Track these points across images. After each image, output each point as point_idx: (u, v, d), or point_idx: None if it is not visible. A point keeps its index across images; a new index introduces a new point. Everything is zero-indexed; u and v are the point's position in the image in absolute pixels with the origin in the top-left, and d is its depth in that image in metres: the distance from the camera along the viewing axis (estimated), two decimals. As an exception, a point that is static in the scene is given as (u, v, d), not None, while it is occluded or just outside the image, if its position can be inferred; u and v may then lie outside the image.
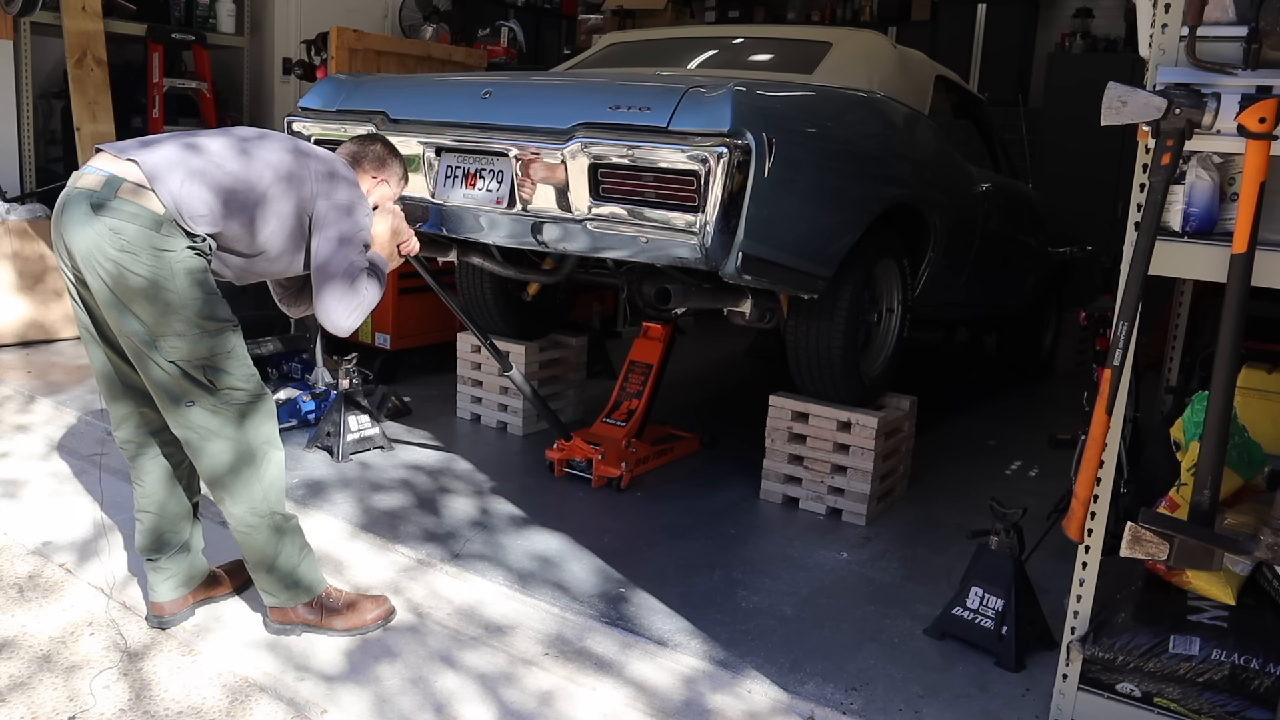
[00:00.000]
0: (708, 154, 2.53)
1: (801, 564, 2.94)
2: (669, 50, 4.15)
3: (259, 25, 6.62)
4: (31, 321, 4.93)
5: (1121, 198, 3.23)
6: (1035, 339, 5.70)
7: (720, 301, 3.26)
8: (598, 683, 2.25)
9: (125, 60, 6.12)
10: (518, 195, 2.95)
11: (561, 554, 2.89)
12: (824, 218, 2.97)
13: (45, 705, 2.05)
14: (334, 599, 2.40)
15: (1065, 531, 2.03)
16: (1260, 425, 2.43)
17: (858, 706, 2.20)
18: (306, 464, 3.49)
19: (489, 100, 3.06)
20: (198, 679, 2.18)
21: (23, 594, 2.50)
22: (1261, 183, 1.75)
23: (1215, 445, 1.84)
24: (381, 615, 2.42)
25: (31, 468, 3.33)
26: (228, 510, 2.26)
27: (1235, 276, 1.79)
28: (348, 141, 2.54)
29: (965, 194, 4.03)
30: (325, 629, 2.36)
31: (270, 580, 2.32)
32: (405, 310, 4.57)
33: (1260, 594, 2.09)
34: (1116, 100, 1.83)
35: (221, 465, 2.20)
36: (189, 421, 2.16)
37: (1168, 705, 2.02)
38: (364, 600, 2.43)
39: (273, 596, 2.35)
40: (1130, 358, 1.89)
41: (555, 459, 3.53)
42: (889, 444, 3.36)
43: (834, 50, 3.70)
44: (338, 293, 2.26)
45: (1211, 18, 1.82)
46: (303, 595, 2.35)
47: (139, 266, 2.02)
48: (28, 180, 5.46)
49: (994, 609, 2.44)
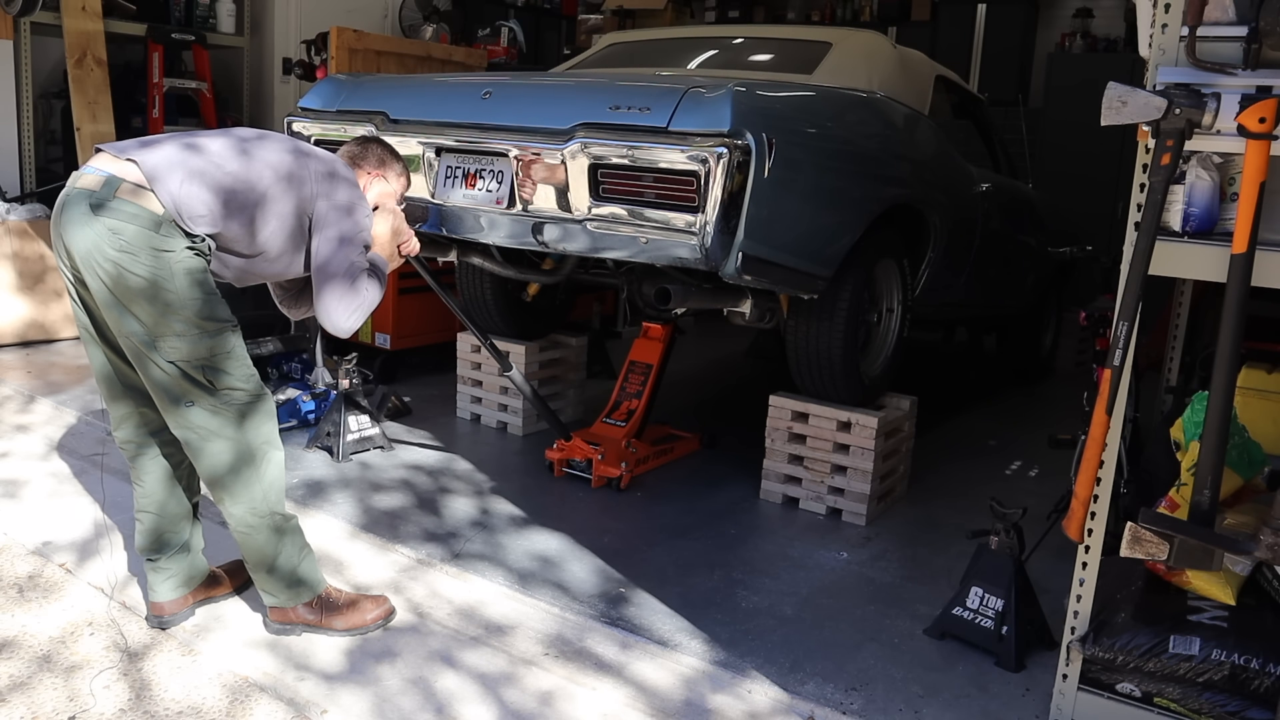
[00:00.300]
0: (708, 154, 2.53)
1: (801, 564, 2.94)
2: (669, 50, 4.15)
3: (259, 25, 6.62)
4: (31, 321, 4.93)
5: (1121, 198, 3.23)
6: (1035, 339, 5.70)
7: (720, 302, 3.26)
8: (598, 683, 2.25)
9: (125, 60, 6.12)
10: (518, 195, 2.95)
11: (561, 554, 2.89)
12: (824, 218, 2.97)
13: (45, 705, 2.05)
14: (334, 599, 2.40)
15: (1065, 531, 2.03)
16: (1260, 425, 2.43)
17: (858, 706, 2.20)
18: (306, 464, 3.49)
19: (489, 100, 3.06)
20: (198, 679, 2.18)
21: (23, 594, 2.50)
22: (1261, 183, 1.75)
23: (1215, 445, 1.84)
24: (382, 615, 2.42)
25: (31, 468, 3.33)
26: (228, 510, 2.26)
27: (1235, 276, 1.79)
28: (348, 143, 2.54)
29: (965, 194, 4.03)
30: (325, 629, 2.36)
31: (270, 580, 2.32)
32: (405, 310, 4.57)
33: (1260, 594, 2.09)
34: (1116, 100, 1.83)
35: (221, 465, 2.20)
36: (189, 422, 2.16)
37: (1168, 705, 2.02)
38: (364, 600, 2.43)
39: (273, 596, 2.35)
40: (1130, 358, 1.89)
41: (555, 459, 3.53)
42: (889, 444, 3.36)
43: (834, 50, 3.70)
44: (338, 293, 2.26)
45: (1211, 18, 1.82)
46: (303, 595, 2.35)
47: (138, 267, 2.02)
48: (28, 180, 5.46)
49: (994, 609, 2.44)
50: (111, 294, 2.05)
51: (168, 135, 2.22)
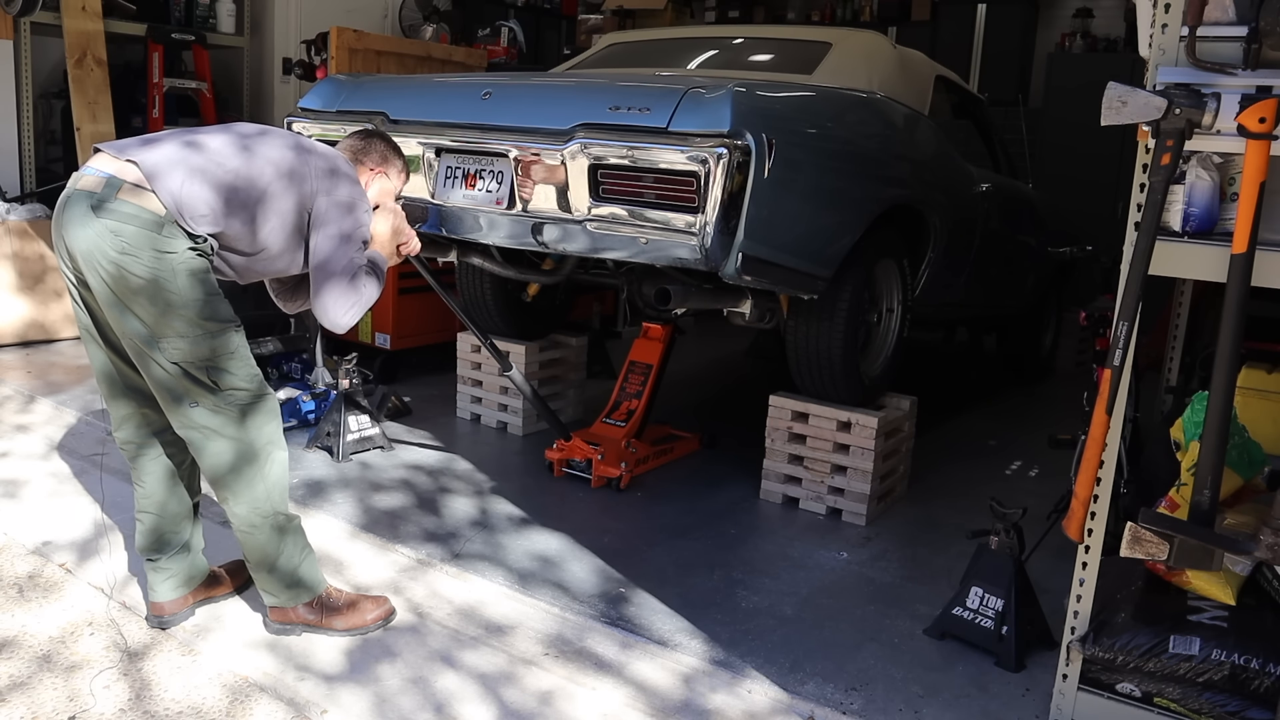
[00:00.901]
0: (707, 155, 2.53)
1: (801, 564, 2.94)
2: (669, 50, 4.15)
3: (259, 25, 6.62)
4: (32, 321, 4.93)
5: (1121, 198, 3.23)
6: (1035, 339, 5.70)
7: (720, 302, 3.26)
8: (598, 683, 2.25)
9: (125, 60, 6.12)
10: (517, 196, 2.95)
11: (561, 554, 2.89)
12: (824, 218, 2.98)
13: (45, 705, 2.05)
14: (334, 599, 2.40)
15: (1065, 531, 2.03)
16: (1260, 425, 2.43)
17: (858, 706, 2.20)
18: (307, 464, 3.50)
19: (489, 101, 3.06)
20: (198, 679, 2.19)
21: (23, 594, 2.50)
22: (1261, 183, 1.75)
23: (1215, 445, 1.84)
24: (382, 615, 2.42)
25: (31, 468, 3.33)
26: (231, 509, 2.26)
27: (1235, 276, 1.79)
28: (348, 136, 2.54)
29: (965, 194, 4.03)
30: (325, 629, 2.36)
31: (271, 580, 2.32)
32: (405, 310, 4.57)
33: (1260, 594, 2.09)
34: (1116, 100, 1.83)
35: (224, 465, 2.20)
36: (192, 421, 2.16)
37: (1168, 705, 2.02)
38: (364, 600, 2.43)
39: (273, 596, 2.35)
40: (1130, 358, 1.89)
41: (555, 459, 3.53)
42: (889, 444, 3.36)
43: (834, 50, 3.70)
44: (337, 290, 2.26)
45: (1211, 18, 1.82)
46: (304, 595, 2.35)
47: (139, 267, 2.02)
48: (28, 180, 5.46)
49: (994, 609, 2.44)
50: (113, 294, 2.05)
51: (168, 133, 2.22)
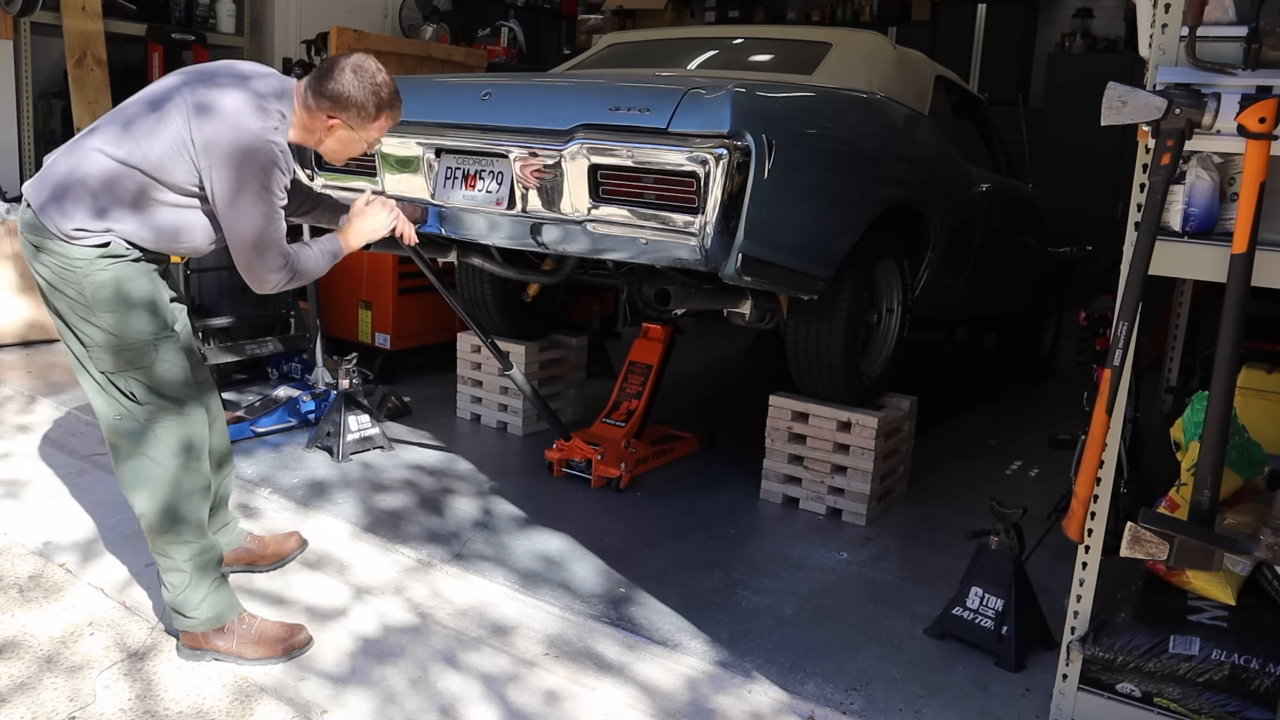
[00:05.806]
0: (707, 155, 2.53)
1: (801, 564, 2.94)
2: (669, 50, 4.15)
3: (259, 25, 6.62)
4: (32, 322, 4.93)
5: (1121, 198, 3.22)
6: (1035, 339, 5.71)
7: (720, 302, 3.26)
8: (600, 683, 2.25)
9: (125, 60, 6.12)
10: (517, 196, 2.95)
11: (562, 554, 2.90)
12: (824, 219, 2.98)
13: (47, 705, 2.06)
14: (247, 625, 2.29)
15: (1065, 531, 2.03)
16: (1260, 425, 2.43)
17: (858, 706, 2.20)
18: (307, 464, 3.50)
19: (489, 101, 3.06)
20: (200, 679, 2.19)
21: (24, 594, 2.50)
22: (1261, 183, 1.75)
23: (1215, 445, 1.84)
24: (296, 646, 2.30)
25: (32, 468, 3.33)
26: (145, 527, 2.21)
27: (1235, 276, 1.79)
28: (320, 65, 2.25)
29: (965, 194, 4.03)
30: (237, 656, 2.25)
31: (183, 605, 2.23)
32: (405, 310, 4.57)
33: (1260, 594, 2.10)
34: (1116, 100, 1.83)
35: (140, 480, 2.16)
36: (115, 431, 2.16)
37: (1168, 705, 2.02)
38: (278, 627, 2.32)
39: (185, 620, 2.25)
40: (1130, 358, 1.89)
41: (555, 459, 3.53)
42: (889, 444, 3.36)
43: (834, 51, 3.70)
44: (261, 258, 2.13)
45: (1211, 18, 1.82)
46: (214, 623, 2.25)
47: (65, 287, 2.06)
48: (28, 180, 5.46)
49: (994, 609, 2.44)
50: (57, 314, 2.12)
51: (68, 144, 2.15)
